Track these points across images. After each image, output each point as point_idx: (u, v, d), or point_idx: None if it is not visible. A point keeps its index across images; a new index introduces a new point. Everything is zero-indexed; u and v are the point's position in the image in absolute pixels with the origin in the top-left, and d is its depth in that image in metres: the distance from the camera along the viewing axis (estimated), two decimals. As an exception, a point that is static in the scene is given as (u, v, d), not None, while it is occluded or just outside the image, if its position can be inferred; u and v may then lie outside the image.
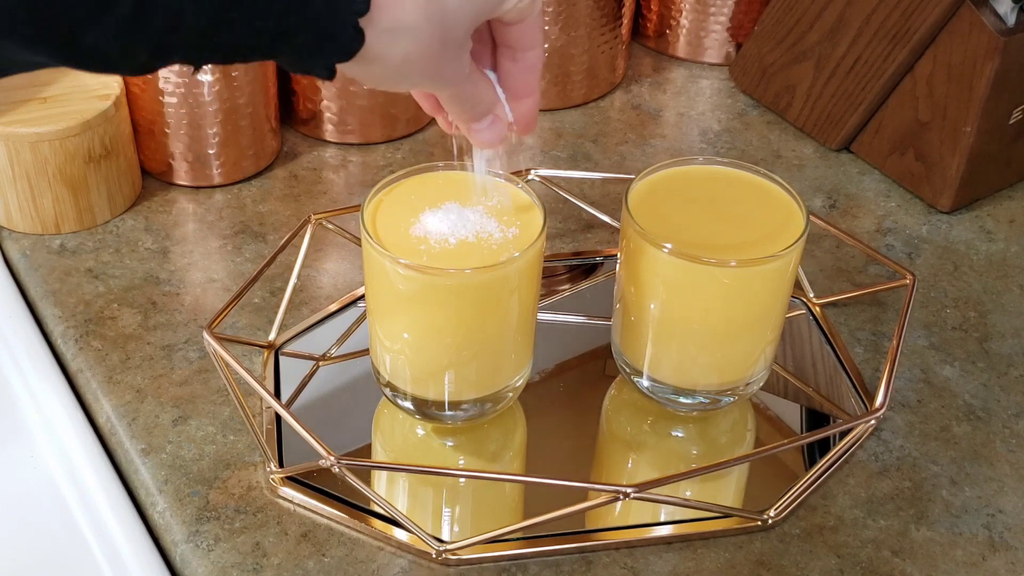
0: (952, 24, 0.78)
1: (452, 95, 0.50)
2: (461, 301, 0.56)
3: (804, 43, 0.88)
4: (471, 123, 0.52)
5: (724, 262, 0.56)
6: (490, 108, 0.52)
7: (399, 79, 0.45)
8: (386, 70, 0.44)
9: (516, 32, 0.50)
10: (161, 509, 0.60)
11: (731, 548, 0.59)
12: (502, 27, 0.50)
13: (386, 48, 0.43)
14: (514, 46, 0.51)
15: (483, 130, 0.52)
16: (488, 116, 0.52)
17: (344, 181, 0.83)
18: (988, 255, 0.79)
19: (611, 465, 0.66)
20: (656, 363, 0.62)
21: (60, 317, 0.70)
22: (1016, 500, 0.62)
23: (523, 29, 0.50)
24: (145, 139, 0.79)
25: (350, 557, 0.58)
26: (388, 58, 0.43)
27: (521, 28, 0.50)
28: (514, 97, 0.53)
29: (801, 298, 0.74)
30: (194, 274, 0.74)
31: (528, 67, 0.52)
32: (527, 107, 0.53)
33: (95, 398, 0.66)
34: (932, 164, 0.82)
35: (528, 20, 0.49)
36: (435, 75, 0.46)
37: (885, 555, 0.59)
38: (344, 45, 0.42)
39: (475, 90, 0.50)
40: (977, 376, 0.70)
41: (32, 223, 0.75)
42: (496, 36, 0.51)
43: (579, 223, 0.80)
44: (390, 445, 0.65)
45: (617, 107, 0.93)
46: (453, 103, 0.51)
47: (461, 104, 0.51)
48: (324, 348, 0.70)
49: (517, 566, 0.58)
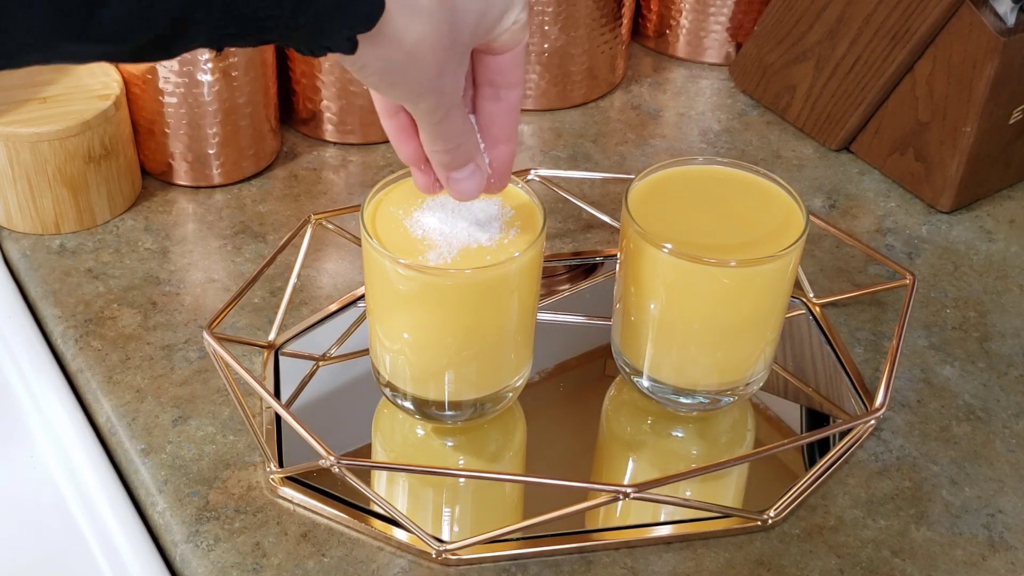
0: (952, 24, 0.78)
1: (440, 122, 0.48)
2: (461, 301, 0.56)
3: (804, 43, 0.88)
4: (452, 171, 0.51)
5: (724, 262, 0.57)
6: (472, 156, 0.51)
7: (407, 70, 0.45)
8: (398, 55, 0.44)
9: (502, 65, 0.50)
10: (161, 509, 0.60)
11: (731, 548, 0.59)
12: (488, 59, 0.49)
13: (402, 25, 0.43)
14: (498, 83, 0.50)
15: (463, 180, 0.51)
16: (470, 165, 0.51)
17: (344, 181, 0.83)
18: (988, 255, 0.79)
19: (611, 465, 0.66)
20: (656, 363, 0.62)
21: (60, 317, 0.70)
22: (1016, 500, 0.62)
23: (509, 61, 0.49)
24: (145, 139, 0.79)
25: (350, 557, 0.58)
26: (403, 38, 0.43)
27: (507, 60, 0.49)
28: (492, 143, 0.52)
29: (801, 298, 0.74)
30: (194, 274, 0.74)
31: (510, 108, 0.51)
32: (504, 154, 0.52)
33: (95, 398, 0.66)
34: (932, 164, 0.82)
35: (516, 51, 0.49)
36: (437, 79, 0.46)
37: (885, 555, 0.59)
38: (366, 11, 0.41)
39: (463, 124, 0.50)
40: (977, 376, 0.70)
41: (32, 223, 0.75)
42: (478, 74, 0.50)
43: (579, 223, 0.80)
44: (390, 445, 0.65)
45: (617, 107, 0.93)
46: (439, 138, 0.49)
47: (446, 139, 0.49)
48: (324, 348, 0.70)
49: (517, 566, 0.58)
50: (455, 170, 0.51)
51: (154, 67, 0.75)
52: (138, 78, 0.76)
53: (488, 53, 0.49)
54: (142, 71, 0.76)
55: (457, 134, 0.50)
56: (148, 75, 0.76)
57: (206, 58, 0.75)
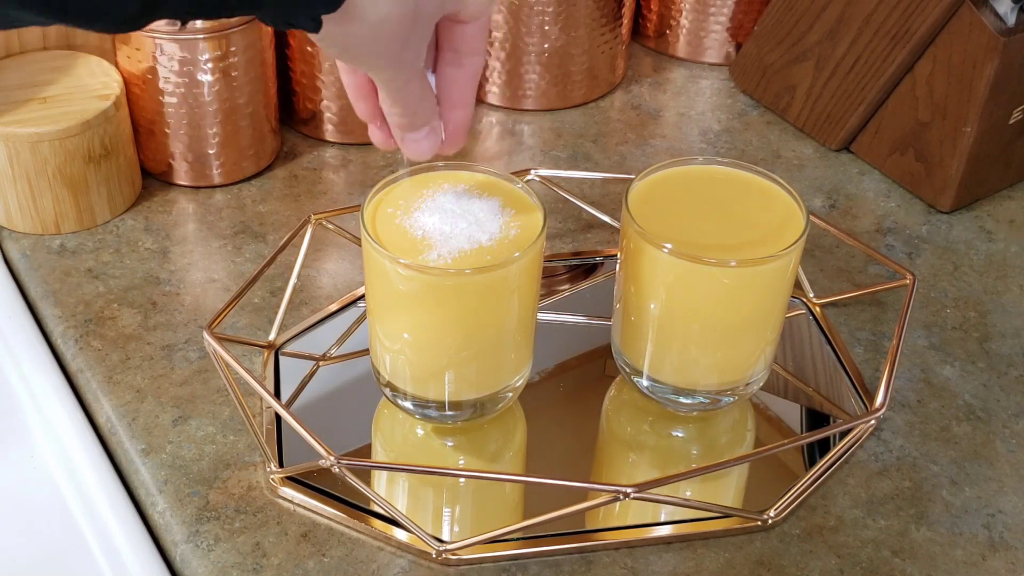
0: (952, 24, 0.78)
1: (399, 90, 0.49)
2: (461, 301, 0.56)
3: (804, 43, 0.88)
4: (408, 132, 0.52)
5: (724, 262, 0.57)
6: (429, 118, 0.52)
7: (370, 44, 0.45)
8: (361, 31, 0.44)
9: (467, 33, 0.50)
10: (161, 509, 0.60)
11: (731, 548, 0.59)
12: (454, 26, 0.50)
13: (368, 4, 0.43)
14: (460, 49, 0.51)
15: (419, 140, 0.52)
16: (426, 127, 0.52)
17: (344, 181, 0.83)
18: (988, 255, 0.79)
19: (611, 465, 0.66)
20: (656, 363, 0.62)
21: (60, 317, 0.70)
22: (1016, 500, 0.62)
23: (474, 30, 0.50)
24: (145, 139, 0.79)
25: (350, 557, 0.58)
26: (367, 16, 0.43)
27: (473, 28, 0.50)
28: (449, 107, 0.52)
29: (801, 298, 0.74)
30: (194, 274, 0.74)
31: (470, 74, 0.52)
32: (460, 118, 0.53)
33: (95, 398, 0.66)
34: (932, 164, 0.82)
35: (482, 20, 0.49)
36: (399, 52, 0.46)
37: (885, 555, 0.59)
38: None
39: (421, 91, 0.50)
40: (977, 376, 0.70)
41: (32, 223, 0.75)
42: (443, 39, 0.51)
43: (579, 223, 0.80)
44: (390, 445, 0.65)
45: (617, 107, 0.93)
46: (397, 103, 0.50)
47: (404, 105, 0.50)
48: (324, 348, 0.70)
49: (517, 566, 0.58)
50: (411, 131, 0.52)
51: (154, 67, 0.75)
52: (138, 78, 0.76)
53: (454, 21, 0.49)
54: (142, 71, 0.76)
55: (415, 100, 0.50)
56: (148, 75, 0.76)
57: (206, 58, 0.75)
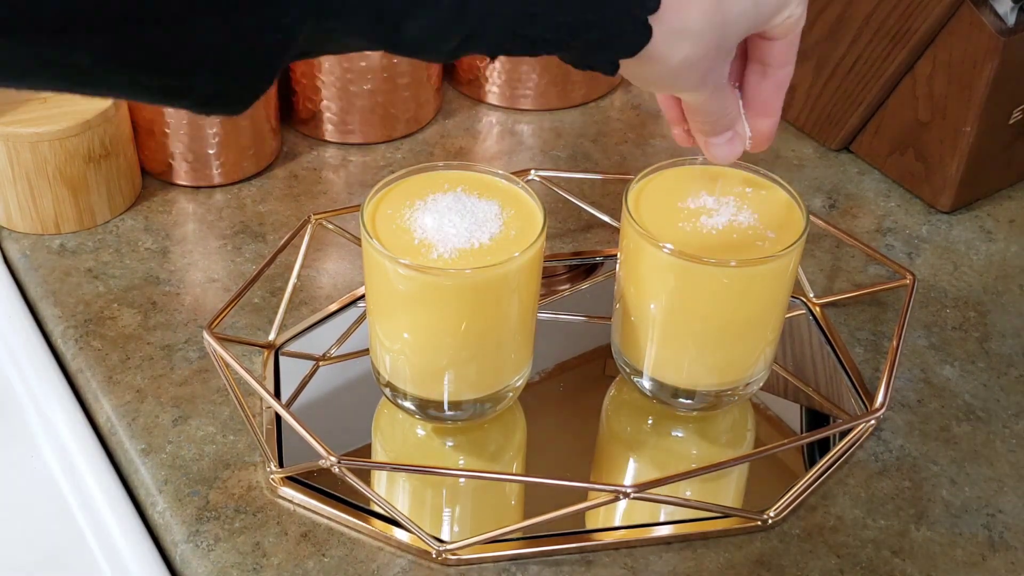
0: (952, 24, 0.78)
1: (703, 103, 0.50)
2: (461, 301, 0.56)
3: (804, 43, 0.87)
4: (711, 136, 0.53)
5: (724, 262, 0.56)
6: (732, 124, 0.53)
7: (672, 80, 0.47)
8: (663, 70, 0.45)
9: (776, 48, 0.51)
10: (161, 509, 0.60)
11: (731, 548, 0.59)
12: (761, 42, 0.50)
13: (668, 49, 0.44)
14: (768, 62, 0.51)
15: (721, 145, 0.53)
16: (728, 131, 0.53)
17: (344, 181, 0.83)
18: (988, 255, 0.79)
19: (611, 465, 0.66)
20: (656, 363, 0.62)
21: (60, 317, 0.70)
22: (1016, 500, 0.62)
23: (783, 46, 0.51)
24: (145, 139, 0.79)
25: (350, 557, 0.58)
26: (668, 59, 0.45)
27: (782, 44, 0.50)
28: (755, 115, 0.53)
29: (801, 298, 0.74)
30: (194, 274, 0.74)
31: (777, 84, 0.52)
32: (767, 127, 0.54)
33: (95, 398, 0.66)
34: (932, 164, 0.82)
35: (790, 36, 0.50)
36: (701, 79, 0.47)
37: (885, 555, 0.59)
38: (632, 42, 0.43)
39: (724, 102, 0.51)
40: (977, 376, 0.70)
41: (32, 223, 0.75)
42: (751, 51, 0.52)
43: (579, 223, 0.80)
44: (390, 445, 0.65)
45: (617, 107, 0.93)
46: (700, 113, 0.51)
47: (707, 115, 0.51)
48: (324, 348, 0.70)
49: (517, 566, 0.58)
50: (713, 136, 0.53)
51: (154, 67, 0.75)
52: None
53: (761, 38, 0.50)
54: (142, 71, 0.76)
55: (717, 110, 0.51)
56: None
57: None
